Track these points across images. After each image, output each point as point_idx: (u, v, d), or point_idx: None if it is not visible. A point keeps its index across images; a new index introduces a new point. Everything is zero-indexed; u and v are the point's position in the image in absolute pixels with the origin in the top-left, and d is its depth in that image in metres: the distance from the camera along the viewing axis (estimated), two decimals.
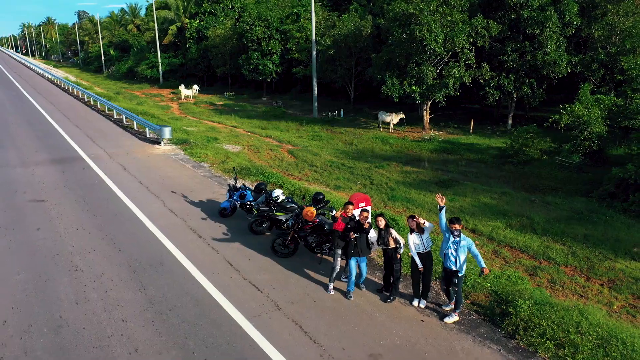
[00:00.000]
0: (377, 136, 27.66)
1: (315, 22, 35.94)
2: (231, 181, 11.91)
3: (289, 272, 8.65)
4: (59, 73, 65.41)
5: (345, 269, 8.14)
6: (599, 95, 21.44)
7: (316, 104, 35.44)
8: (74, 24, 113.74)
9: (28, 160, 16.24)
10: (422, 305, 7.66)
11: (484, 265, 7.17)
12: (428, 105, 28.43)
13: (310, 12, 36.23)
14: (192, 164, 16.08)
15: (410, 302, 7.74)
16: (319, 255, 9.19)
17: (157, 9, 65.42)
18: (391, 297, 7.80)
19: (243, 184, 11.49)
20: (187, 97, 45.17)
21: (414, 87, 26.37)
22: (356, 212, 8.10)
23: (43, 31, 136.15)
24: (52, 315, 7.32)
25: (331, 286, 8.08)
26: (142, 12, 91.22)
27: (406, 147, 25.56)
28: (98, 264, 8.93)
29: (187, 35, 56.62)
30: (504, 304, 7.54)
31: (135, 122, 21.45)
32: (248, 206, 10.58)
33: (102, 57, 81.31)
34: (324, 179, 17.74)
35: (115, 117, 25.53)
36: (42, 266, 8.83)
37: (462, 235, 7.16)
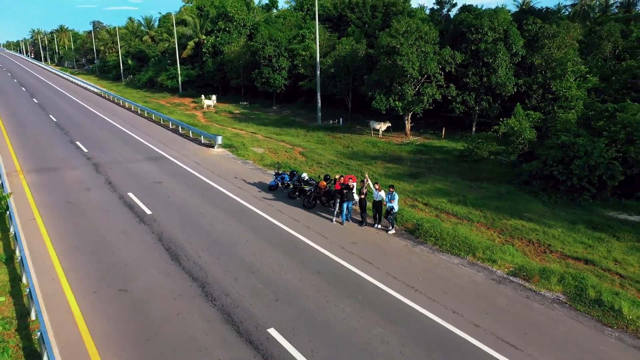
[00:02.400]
0: (368, 141, 35.96)
1: (319, 42, 44.28)
2: (275, 170, 20.26)
3: (312, 214, 17.00)
4: (92, 86, 73.76)
5: (340, 208, 16.49)
6: (529, 112, 29.80)
7: (320, 114, 43.81)
8: (89, 32, 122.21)
9: (132, 159, 24.68)
10: (378, 226, 16.02)
11: (397, 207, 15.48)
12: (409, 116, 36.78)
13: (314, 34, 44.64)
14: (240, 161, 24.54)
15: (372, 226, 16.08)
16: (326, 206, 17.53)
17: (176, 24, 73.95)
18: (363, 224, 16.15)
19: (283, 171, 19.86)
20: (208, 106, 53.50)
21: (397, 102, 34.72)
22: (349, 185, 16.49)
23: (56, 38, 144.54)
24: (207, 231, 15.65)
25: (334, 219, 16.44)
26: (156, 24, 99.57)
27: (391, 149, 33.84)
28: (211, 212, 17.30)
29: (204, 50, 65.11)
30: (417, 225, 15.88)
31: (190, 131, 29.88)
32: (286, 184, 18.92)
33: (121, 66, 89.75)
34: (328, 172, 26.05)
35: (170, 126, 33.96)
36: (187, 215, 17.19)
37: (394, 192, 15.48)
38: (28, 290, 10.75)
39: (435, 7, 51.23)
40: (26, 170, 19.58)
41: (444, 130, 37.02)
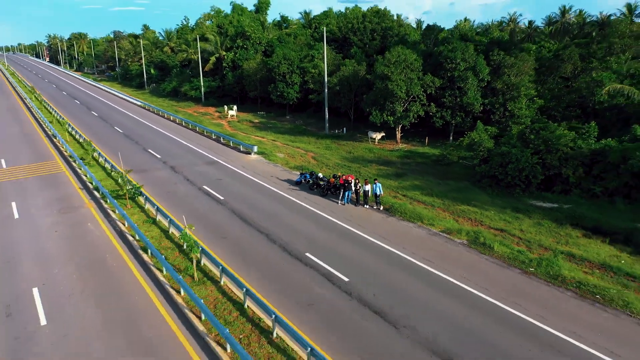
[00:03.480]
0: (366, 147, 46.00)
1: (326, 61, 54.28)
2: (299, 171, 30.43)
3: (325, 200, 27.14)
4: (126, 97, 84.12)
5: (343, 195, 26.62)
6: (487, 127, 39.78)
7: (327, 124, 53.90)
8: (109, 41, 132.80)
9: (195, 163, 34.89)
10: (366, 206, 26.16)
11: (381, 192, 25.60)
12: (399, 128, 46.81)
13: (322, 54, 54.62)
14: (272, 164, 34.73)
15: (363, 206, 26.19)
16: (334, 194, 27.65)
17: (197, 38, 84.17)
18: (358, 205, 26.29)
19: (304, 171, 30.00)
20: (232, 116, 63.70)
21: (389, 117, 44.73)
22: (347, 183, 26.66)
23: (76, 45, 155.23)
24: (261, 209, 25.78)
25: (339, 202, 26.60)
26: (168, 26, 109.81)
27: (384, 154, 43.86)
28: (260, 198, 27.41)
29: (224, 64, 75.42)
30: (391, 206, 25.96)
31: (231, 142, 40.14)
32: (307, 180, 29.04)
33: (145, 75, 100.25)
34: (334, 172, 36.12)
35: (213, 137, 44.22)
36: (246, 199, 27.28)
37: (378, 183, 25.61)
38: (180, 233, 20.87)
39: (426, 32, 61.01)
40: (126, 171, 29.41)
41: (427, 139, 47.09)
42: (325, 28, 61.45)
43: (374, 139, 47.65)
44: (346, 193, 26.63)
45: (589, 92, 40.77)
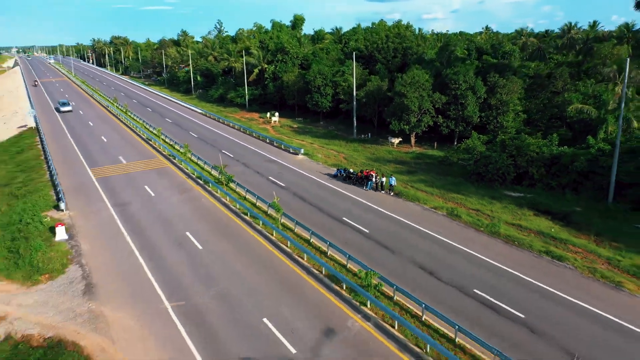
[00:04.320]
0: (387, 150, 59.05)
1: (355, 76, 67.42)
2: (336, 168, 43.95)
3: (355, 187, 40.61)
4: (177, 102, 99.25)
5: (366, 184, 40.01)
6: (480, 135, 52.41)
7: (355, 130, 67.15)
8: (156, 48, 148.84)
9: (259, 161, 48.84)
10: (382, 192, 39.51)
11: (395, 183, 38.90)
12: (413, 134, 59.74)
13: (351, 70, 67.85)
14: (315, 162, 48.38)
15: (381, 192, 39.49)
16: (361, 184, 41.05)
17: (240, 50, 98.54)
18: (378, 191, 39.63)
19: (340, 168, 43.50)
20: (274, 121, 77.59)
21: (405, 126, 57.69)
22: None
23: (122, 50, 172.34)
24: (311, 193, 39.38)
25: (364, 189, 40.03)
26: (199, 36, 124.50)
27: (400, 156, 56.87)
28: (309, 186, 40.98)
29: (265, 75, 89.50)
30: (399, 192, 39.17)
31: (282, 145, 53.95)
32: (342, 174, 42.51)
33: (192, 82, 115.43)
34: (361, 169, 49.42)
35: (267, 141, 58.15)
36: (300, 186, 40.90)
37: (393, 177, 38.91)
38: (268, 204, 34.59)
39: (441, 51, 73.52)
40: (222, 165, 43.32)
41: (435, 144, 59.96)
42: (353, 44, 74.63)
43: (393, 143, 60.70)
44: (369, 183, 39.92)
45: (562, 109, 52.96)
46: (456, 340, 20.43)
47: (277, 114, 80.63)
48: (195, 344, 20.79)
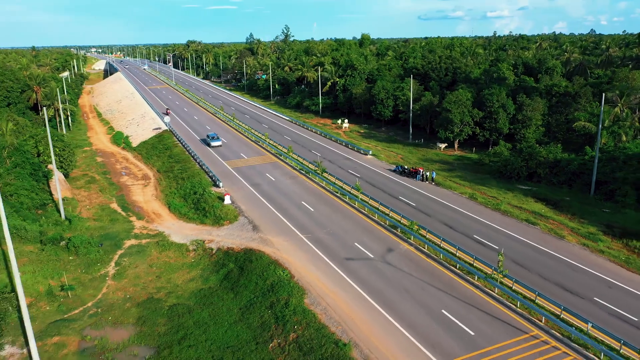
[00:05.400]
0: (435, 153, 78.84)
1: (412, 92, 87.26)
2: (395, 165, 64.73)
3: (409, 179, 61.27)
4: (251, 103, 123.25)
5: (416, 177, 60.48)
6: (507, 144, 71.35)
7: (410, 136, 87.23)
8: (237, 57, 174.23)
9: (339, 159, 70.61)
10: (427, 182, 59.99)
11: (435, 175, 59.22)
12: (457, 141, 79.15)
13: (409, 86, 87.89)
14: (380, 161, 69.41)
15: (425, 182, 59.80)
16: (412, 177, 61.55)
17: (315, 65, 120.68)
18: (423, 181, 60.04)
19: (398, 165, 64.22)
20: (345, 127, 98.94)
21: (449, 134, 77.30)
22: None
23: (204, 57, 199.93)
24: (377, 181, 60.41)
25: (415, 180, 60.46)
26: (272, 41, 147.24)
27: (445, 158, 76.51)
28: (375, 176, 61.98)
29: (337, 87, 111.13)
30: (438, 182, 59.33)
31: (355, 147, 75.21)
32: (399, 169, 63.16)
33: (271, 89, 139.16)
34: (413, 166, 69.69)
35: (342, 144, 79.64)
36: (369, 177, 62.00)
37: (434, 171, 59.24)
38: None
39: (485, 72, 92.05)
40: (320, 160, 64.37)
41: (474, 149, 79.19)
42: (412, 62, 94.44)
43: (440, 147, 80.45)
44: (417, 175, 60.28)
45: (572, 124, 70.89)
46: (457, 253, 40.61)
47: (346, 120, 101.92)
48: (320, 251, 42.29)
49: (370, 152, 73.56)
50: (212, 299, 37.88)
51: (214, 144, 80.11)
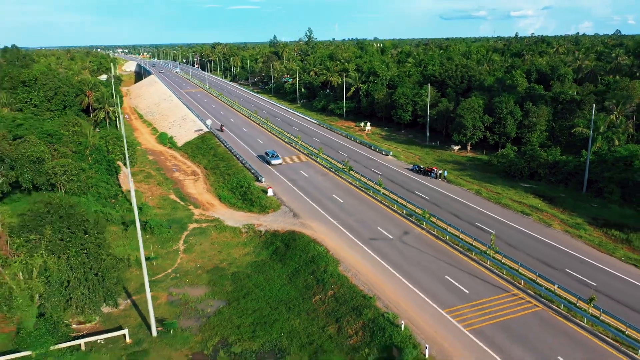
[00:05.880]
0: (449, 154, 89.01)
1: (429, 98, 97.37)
2: (413, 164, 75.32)
3: (424, 177, 71.85)
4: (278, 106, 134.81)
5: (430, 175, 70.95)
6: (513, 147, 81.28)
7: (427, 138, 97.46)
8: (264, 62, 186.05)
9: (363, 159, 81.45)
10: (440, 179, 70.35)
11: (447, 174, 69.63)
12: (469, 144, 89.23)
13: (427, 93, 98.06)
14: (399, 161, 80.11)
15: (438, 179, 70.17)
16: (428, 175, 72.04)
17: (340, 71, 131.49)
18: (437, 179, 70.45)
19: (415, 164, 74.76)
20: (367, 129, 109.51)
21: (462, 138, 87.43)
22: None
23: (232, 60, 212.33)
24: (396, 178, 71.06)
25: (430, 177, 70.92)
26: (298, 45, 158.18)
27: (458, 158, 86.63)
28: (395, 174, 72.59)
29: (360, 92, 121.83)
30: (449, 180, 69.68)
31: (377, 149, 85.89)
32: (416, 168, 73.64)
33: (297, 93, 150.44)
34: (429, 165, 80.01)
35: (366, 145, 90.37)
36: (390, 174, 72.74)
37: (446, 171, 69.64)
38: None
39: (497, 81, 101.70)
40: (347, 160, 75.12)
41: (484, 151, 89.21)
42: (430, 69, 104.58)
43: (454, 149, 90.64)
44: (431, 174, 70.73)
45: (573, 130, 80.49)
46: (460, 236, 51.00)
47: (369, 123, 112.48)
48: (349, 233, 53.19)
49: (391, 153, 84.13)
50: (264, 268, 49.14)
51: (274, 162, 79.20)
